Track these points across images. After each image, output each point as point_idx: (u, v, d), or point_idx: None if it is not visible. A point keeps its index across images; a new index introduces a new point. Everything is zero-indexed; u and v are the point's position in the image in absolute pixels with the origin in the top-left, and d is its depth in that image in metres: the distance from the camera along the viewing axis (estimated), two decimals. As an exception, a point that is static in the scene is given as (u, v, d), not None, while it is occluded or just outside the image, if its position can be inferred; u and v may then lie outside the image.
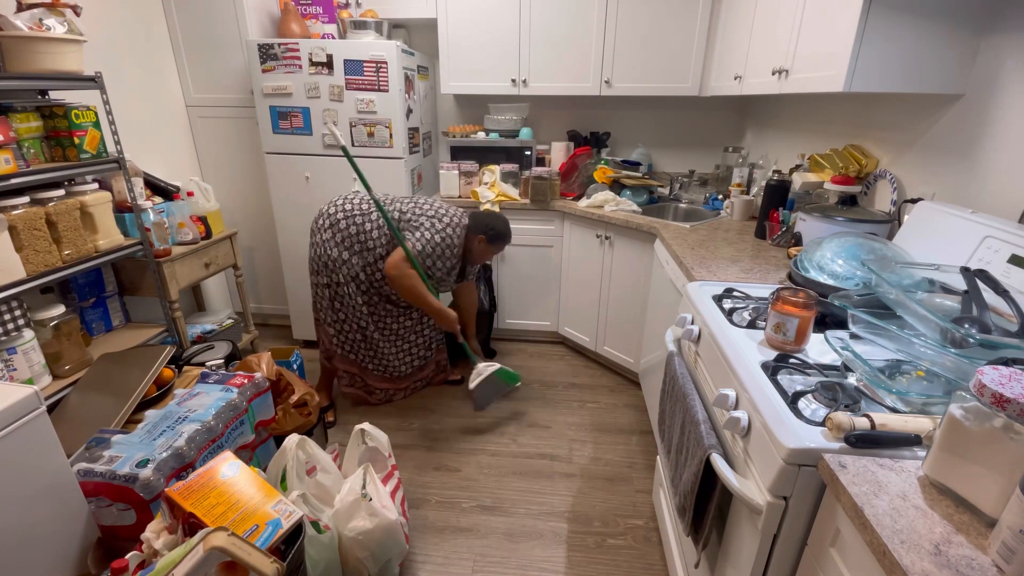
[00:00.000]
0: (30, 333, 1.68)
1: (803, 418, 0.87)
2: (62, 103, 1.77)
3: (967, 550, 0.63)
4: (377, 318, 2.25)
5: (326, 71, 2.44)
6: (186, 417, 1.45)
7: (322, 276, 2.13)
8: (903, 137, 1.65)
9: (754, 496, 0.88)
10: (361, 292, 2.17)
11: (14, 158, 1.61)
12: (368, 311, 2.22)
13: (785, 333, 1.07)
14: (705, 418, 1.09)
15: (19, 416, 1.08)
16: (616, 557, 1.68)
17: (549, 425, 2.33)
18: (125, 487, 1.22)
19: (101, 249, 1.88)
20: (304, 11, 2.66)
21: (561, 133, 3.15)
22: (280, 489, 1.43)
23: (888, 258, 1.29)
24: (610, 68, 2.64)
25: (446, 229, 2.12)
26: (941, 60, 1.38)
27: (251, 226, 2.97)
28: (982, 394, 0.66)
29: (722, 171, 2.87)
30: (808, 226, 1.69)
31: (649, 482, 1.99)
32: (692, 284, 1.49)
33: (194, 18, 2.53)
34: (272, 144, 2.60)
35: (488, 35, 2.67)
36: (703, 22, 2.50)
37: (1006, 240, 1.15)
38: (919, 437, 0.79)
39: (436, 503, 1.89)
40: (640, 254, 2.38)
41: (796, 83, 1.69)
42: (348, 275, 2.12)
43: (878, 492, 0.71)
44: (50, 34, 1.66)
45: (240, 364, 1.86)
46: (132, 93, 2.37)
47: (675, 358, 1.35)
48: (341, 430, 2.27)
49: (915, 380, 0.93)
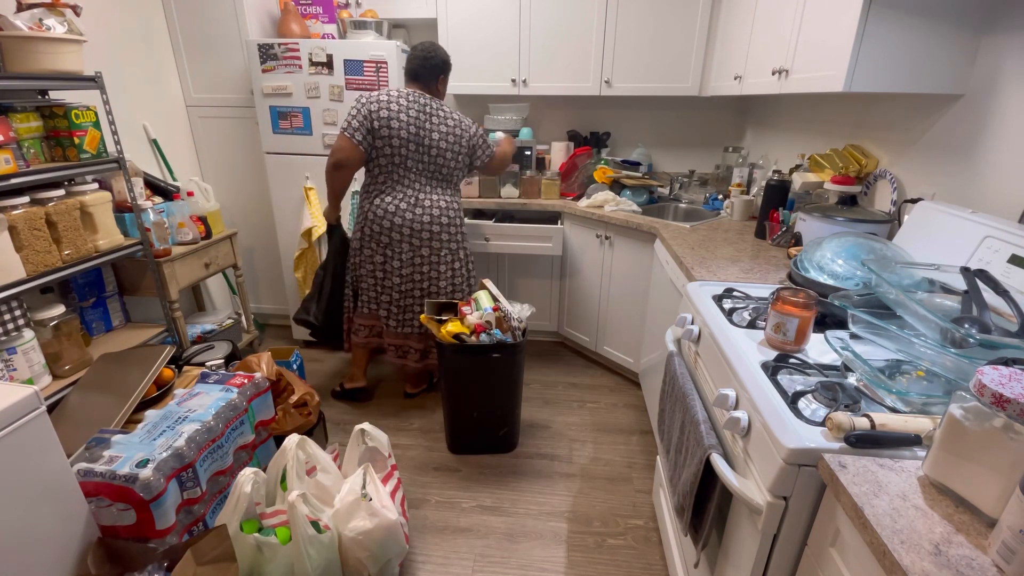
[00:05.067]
0: (30, 333, 1.68)
1: (803, 418, 0.87)
2: (62, 103, 1.77)
3: (967, 550, 0.63)
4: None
5: (326, 71, 2.44)
6: (186, 417, 1.45)
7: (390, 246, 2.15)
8: (903, 137, 1.65)
9: (754, 496, 0.88)
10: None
11: (14, 158, 1.61)
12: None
13: (785, 333, 1.07)
14: (705, 418, 1.09)
15: (19, 416, 1.08)
16: (616, 557, 1.68)
17: (549, 425, 2.33)
18: (125, 487, 1.22)
19: (101, 249, 1.88)
20: (304, 11, 2.66)
21: (561, 133, 3.15)
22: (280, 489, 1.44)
23: (888, 258, 1.29)
24: (610, 68, 2.64)
25: (458, 123, 2.13)
26: (941, 60, 1.38)
27: (251, 226, 2.97)
28: (982, 394, 0.66)
29: (722, 171, 2.87)
30: (808, 226, 1.69)
31: (649, 482, 1.99)
32: (692, 284, 1.49)
33: (194, 18, 2.53)
34: (272, 144, 2.60)
35: (488, 35, 2.67)
36: (703, 22, 2.50)
37: (1006, 240, 1.15)
38: (919, 437, 0.79)
39: (436, 503, 1.89)
40: (640, 254, 2.38)
41: (796, 83, 1.69)
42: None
43: (878, 492, 0.71)
44: (50, 34, 1.66)
45: (240, 364, 1.86)
46: (132, 93, 2.37)
47: (675, 358, 1.35)
48: (341, 430, 2.27)
49: (915, 380, 0.93)
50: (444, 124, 2.10)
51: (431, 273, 2.21)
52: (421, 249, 2.16)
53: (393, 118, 2.00)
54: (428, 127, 2.07)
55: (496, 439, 2.12)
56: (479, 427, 2.09)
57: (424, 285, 2.22)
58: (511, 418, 2.10)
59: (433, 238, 2.16)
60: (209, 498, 1.47)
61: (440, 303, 2.11)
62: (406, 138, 2.04)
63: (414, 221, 2.11)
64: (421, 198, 2.12)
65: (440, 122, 2.09)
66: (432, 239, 2.16)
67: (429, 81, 2.10)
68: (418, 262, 2.18)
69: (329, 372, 2.75)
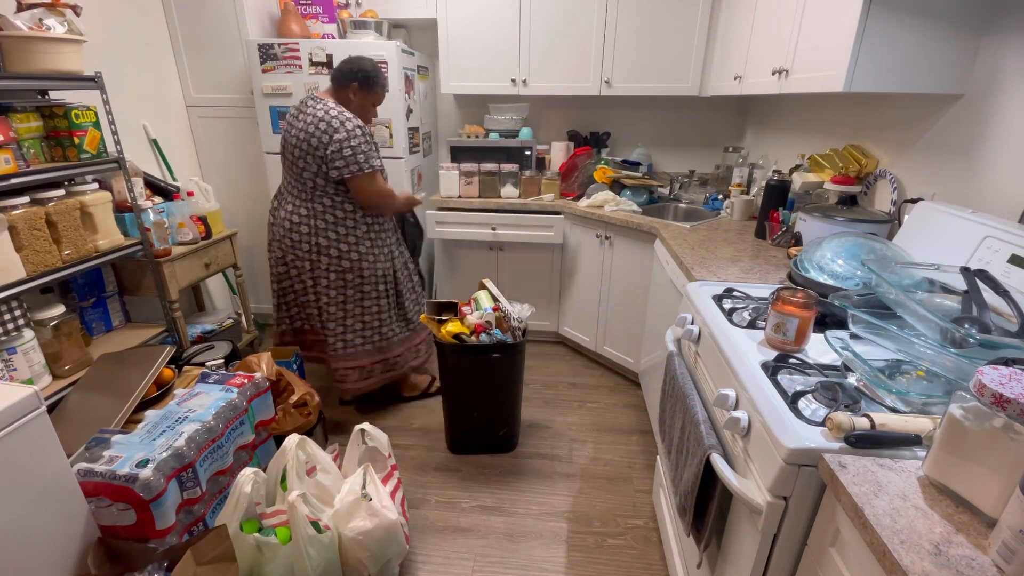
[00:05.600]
0: (30, 333, 1.68)
1: (803, 418, 0.87)
2: (62, 103, 1.77)
3: (967, 550, 0.63)
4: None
5: (326, 71, 2.44)
6: (186, 417, 1.45)
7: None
8: (903, 137, 1.65)
9: (754, 496, 0.88)
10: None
11: (14, 158, 1.61)
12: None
13: (785, 333, 1.07)
14: (705, 418, 1.09)
15: (19, 416, 1.08)
16: (616, 557, 1.68)
17: (549, 425, 2.33)
18: (125, 487, 1.22)
19: (101, 249, 1.88)
20: (304, 11, 2.66)
21: (561, 133, 3.15)
22: (280, 489, 1.44)
23: (888, 258, 1.29)
24: (610, 68, 2.64)
25: (334, 124, 1.84)
26: (941, 60, 1.38)
27: (251, 226, 2.97)
28: (982, 394, 0.66)
29: (722, 171, 2.87)
30: (808, 226, 1.69)
31: (649, 482, 1.99)
32: (692, 284, 1.49)
33: (194, 18, 2.53)
34: (272, 144, 2.60)
35: (488, 35, 2.67)
36: (703, 22, 2.50)
37: (1006, 240, 1.15)
38: (919, 437, 0.79)
39: (436, 503, 1.89)
40: (640, 254, 2.38)
41: (796, 83, 1.69)
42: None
43: (878, 492, 0.71)
44: (50, 34, 1.66)
45: (240, 364, 1.86)
46: (132, 93, 2.37)
47: (675, 358, 1.35)
48: (341, 430, 2.27)
49: (915, 380, 0.93)
50: (304, 119, 1.87)
51: (309, 296, 2.08)
52: (288, 267, 2.03)
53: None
54: (294, 123, 1.90)
55: (496, 439, 2.12)
56: (479, 427, 2.09)
57: (313, 308, 2.09)
58: (511, 418, 2.10)
59: (287, 253, 2.00)
60: (209, 498, 1.47)
61: (440, 303, 2.11)
62: (282, 137, 1.95)
63: (274, 232, 2.02)
64: (282, 204, 2.00)
65: (304, 117, 1.87)
66: (286, 254, 2.01)
67: (338, 87, 1.93)
68: (291, 282, 2.08)
69: (329, 372, 2.74)
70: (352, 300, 2.09)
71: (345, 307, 2.09)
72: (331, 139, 1.83)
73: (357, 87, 1.92)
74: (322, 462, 1.51)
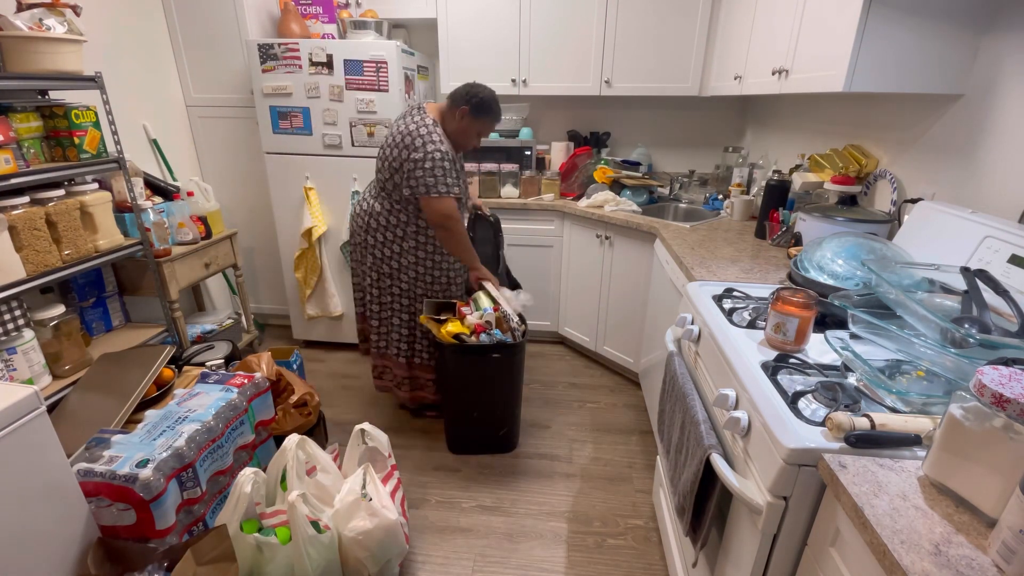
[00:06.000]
0: (30, 333, 1.68)
1: (803, 418, 0.87)
2: (62, 103, 1.77)
3: (967, 550, 0.63)
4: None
5: (326, 71, 2.44)
6: (186, 417, 1.45)
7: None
8: (903, 137, 1.65)
9: (754, 496, 0.88)
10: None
11: (14, 158, 1.61)
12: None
13: (785, 333, 1.07)
14: (705, 418, 1.09)
15: (19, 416, 1.08)
16: (616, 557, 1.68)
17: (549, 425, 2.33)
18: (125, 487, 1.22)
19: (101, 249, 1.88)
20: (304, 11, 2.66)
21: (561, 133, 3.15)
22: (280, 489, 1.44)
23: (888, 258, 1.29)
24: (610, 68, 2.64)
25: (422, 140, 1.87)
26: (941, 60, 1.38)
27: (251, 226, 2.97)
28: (982, 394, 0.66)
29: (722, 171, 2.87)
30: (808, 226, 1.69)
31: (649, 482, 1.99)
32: (692, 284, 1.49)
33: (194, 18, 2.53)
34: (272, 144, 2.60)
35: (488, 35, 2.67)
36: (703, 22, 2.50)
37: (1006, 240, 1.15)
38: (919, 437, 0.79)
39: (436, 503, 1.89)
40: (640, 254, 2.38)
41: (796, 83, 1.69)
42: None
43: (878, 492, 0.71)
44: (50, 34, 1.66)
45: (240, 364, 1.86)
46: (132, 93, 2.37)
47: (675, 358, 1.35)
48: (341, 430, 2.27)
49: (915, 380, 0.93)
50: (399, 126, 1.96)
51: (364, 282, 2.16)
52: (355, 248, 2.15)
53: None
54: (392, 127, 2.00)
55: (496, 439, 2.12)
56: (479, 427, 2.09)
57: (367, 296, 2.17)
58: (511, 418, 2.10)
59: (354, 235, 2.12)
60: (209, 498, 1.47)
61: (439, 303, 2.11)
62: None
63: (354, 222, 2.11)
64: (365, 197, 2.10)
65: (399, 125, 1.96)
66: (354, 235, 2.13)
67: (450, 105, 1.98)
68: (355, 265, 2.18)
69: (329, 372, 2.75)
70: (387, 307, 2.15)
71: (383, 307, 2.15)
72: (408, 156, 1.90)
73: (467, 111, 1.95)
74: (322, 462, 1.51)
